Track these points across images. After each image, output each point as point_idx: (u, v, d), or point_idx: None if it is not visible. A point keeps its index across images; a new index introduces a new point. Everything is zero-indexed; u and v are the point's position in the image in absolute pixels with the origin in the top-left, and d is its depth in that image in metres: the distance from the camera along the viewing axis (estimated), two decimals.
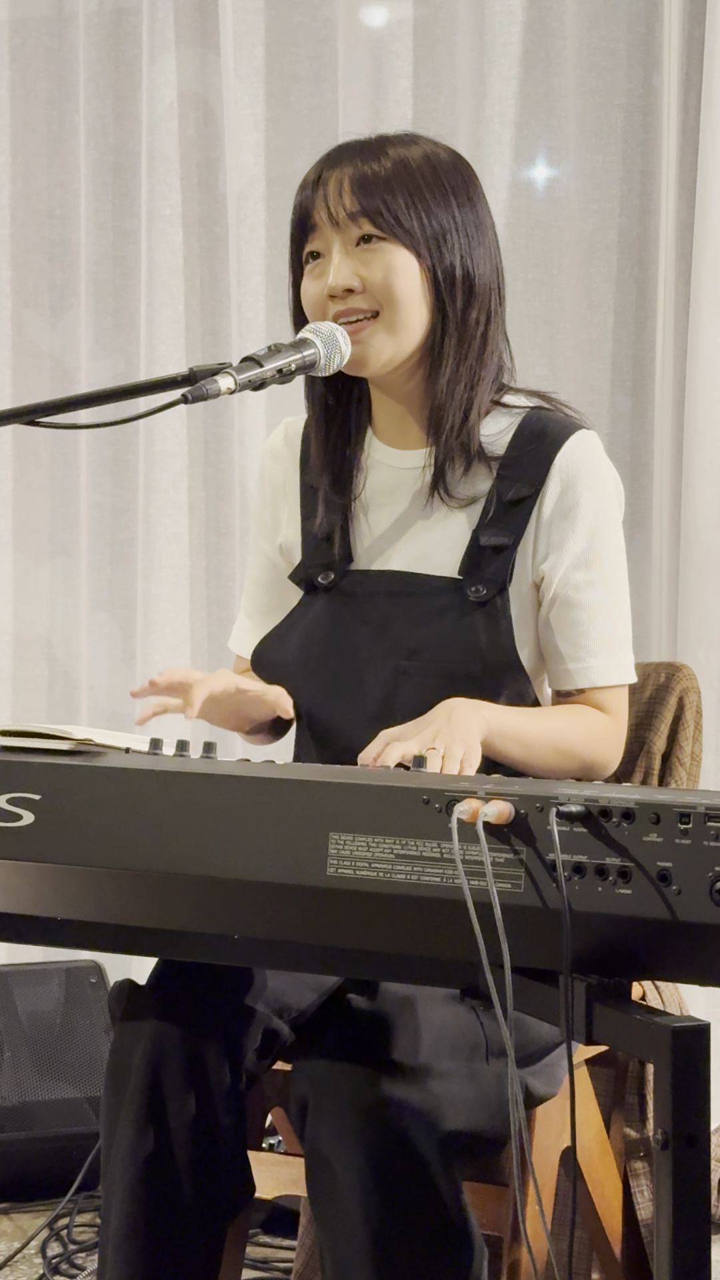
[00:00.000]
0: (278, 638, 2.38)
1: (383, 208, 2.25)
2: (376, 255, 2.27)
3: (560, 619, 2.29)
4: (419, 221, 2.26)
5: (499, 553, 2.28)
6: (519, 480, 2.30)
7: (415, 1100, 1.98)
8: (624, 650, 2.32)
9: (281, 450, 2.47)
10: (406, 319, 2.28)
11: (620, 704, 2.32)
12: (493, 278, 2.32)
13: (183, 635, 3.97)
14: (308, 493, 2.42)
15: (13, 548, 4.12)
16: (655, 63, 3.58)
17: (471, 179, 2.34)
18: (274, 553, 2.46)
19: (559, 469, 2.29)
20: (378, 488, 2.38)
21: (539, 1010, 1.74)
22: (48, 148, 4.10)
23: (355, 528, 2.38)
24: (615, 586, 2.31)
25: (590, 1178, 2.40)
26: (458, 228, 2.28)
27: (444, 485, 2.31)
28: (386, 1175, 1.97)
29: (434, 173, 2.29)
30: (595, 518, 2.30)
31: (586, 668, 2.29)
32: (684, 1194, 1.61)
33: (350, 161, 2.28)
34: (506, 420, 2.34)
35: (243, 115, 3.86)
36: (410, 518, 2.35)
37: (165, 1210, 2.12)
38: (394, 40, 3.73)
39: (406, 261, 2.27)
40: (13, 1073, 3.52)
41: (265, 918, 1.85)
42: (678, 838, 1.63)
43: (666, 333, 3.53)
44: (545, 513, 2.29)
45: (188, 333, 3.96)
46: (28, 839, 1.87)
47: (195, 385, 2.11)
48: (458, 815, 1.70)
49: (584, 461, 2.30)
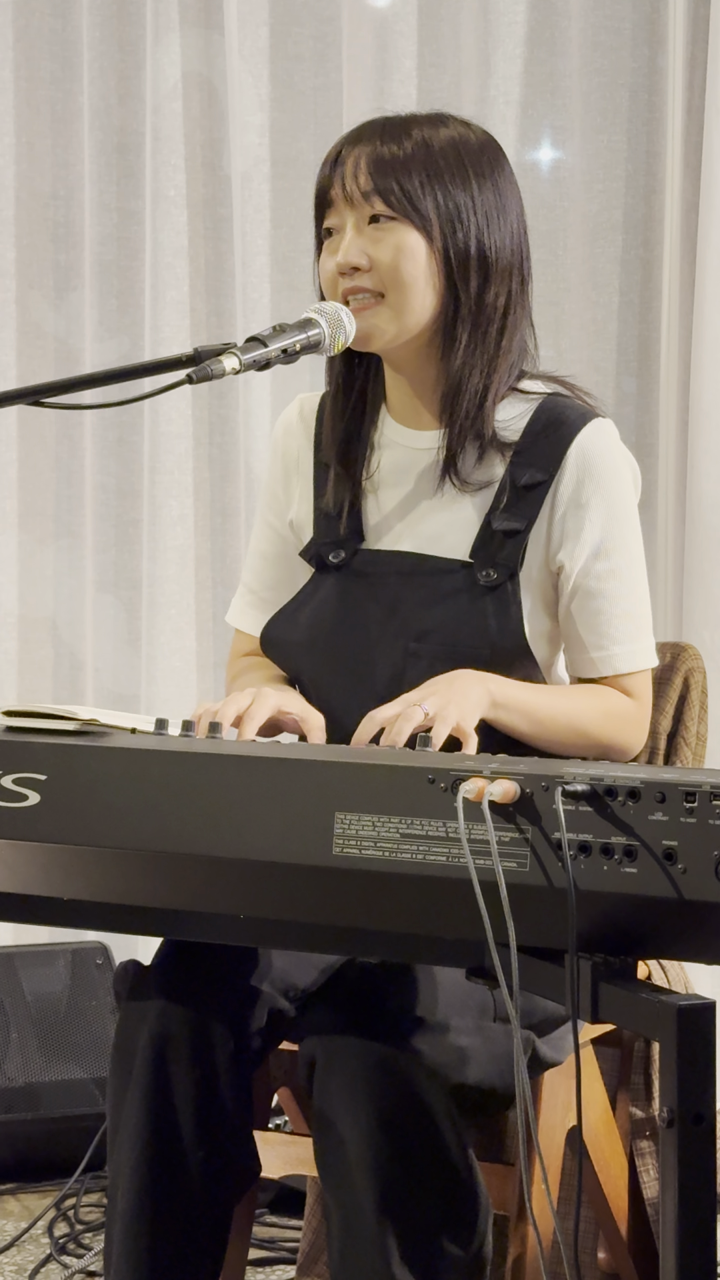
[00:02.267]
0: (287, 616, 2.38)
1: (395, 188, 2.25)
2: (387, 235, 2.26)
3: (582, 609, 2.29)
4: (433, 202, 2.26)
5: (511, 537, 2.28)
6: (533, 466, 2.29)
7: (428, 1052, 1.99)
8: (645, 635, 2.32)
9: (296, 426, 2.46)
10: (411, 301, 2.27)
11: (643, 688, 2.33)
12: (513, 259, 2.30)
13: (188, 617, 3.97)
14: (320, 470, 2.42)
15: (18, 529, 4.12)
16: (660, 42, 3.57)
17: (498, 161, 2.32)
18: (283, 528, 2.45)
19: (574, 456, 2.29)
20: (390, 467, 2.37)
21: (545, 989, 1.75)
22: (51, 129, 4.09)
23: (366, 506, 2.38)
24: (634, 573, 2.32)
25: (596, 1157, 2.41)
26: (475, 208, 2.27)
27: (455, 470, 2.31)
28: (395, 1131, 1.98)
29: (456, 155, 2.28)
30: (612, 506, 2.29)
31: (610, 655, 2.30)
32: (689, 1172, 1.61)
33: (371, 140, 2.28)
34: (522, 406, 2.33)
35: (247, 96, 3.86)
36: (422, 498, 2.35)
37: (172, 1190, 2.12)
38: (398, 20, 3.72)
39: (416, 243, 2.26)
40: (19, 1053, 3.52)
41: (270, 897, 1.86)
42: (683, 816, 1.63)
43: (672, 314, 3.52)
44: (560, 499, 2.29)
45: (192, 313, 3.95)
46: (34, 819, 1.88)
47: (200, 366, 2.10)
48: (463, 794, 1.70)
49: (600, 449, 2.30)
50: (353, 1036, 2.00)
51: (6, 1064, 3.51)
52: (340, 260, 2.27)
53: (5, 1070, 3.51)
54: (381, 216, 2.26)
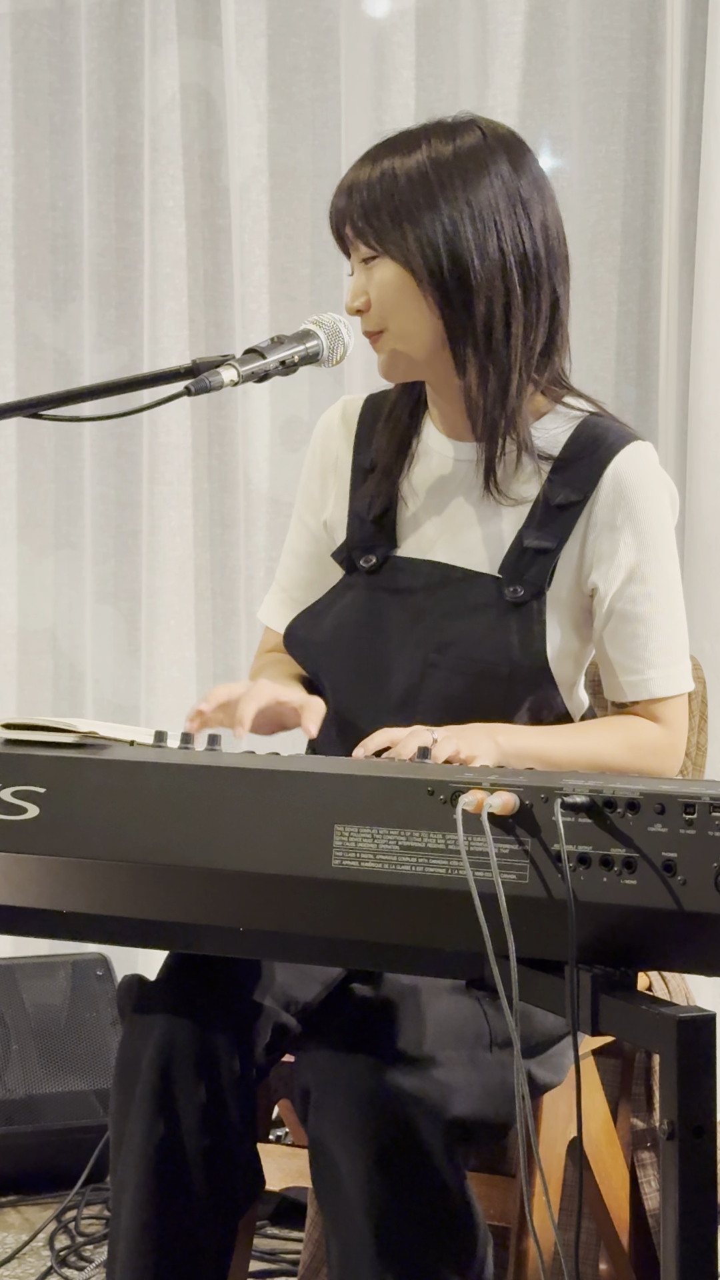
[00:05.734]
0: (312, 616, 2.39)
1: (368, 227, 2.27)
2: (375, 272, 2.29)
3: (617, 633, 2.29)
4: (402, 233, 2.26)
5: (541, 555, 2.28)
6: (569, 486, 2.29)
7: (418, 1088, 1.99)
8: (681, 660, 2.32)
9: (338, 427, 2.47)
10: (408, 330, 2.28)
11: (676, 714, 2.32)
12: (500, 260, 2.27)
13: (187, 627, 3.97)
14: (358, 473, 2.42)
15: (17, 540, 4.12)
16: (658, 51, 3.57)
17: (480, 167, 2.28)
18: (317, 527, 2.46)
19: (610, 478, 2.29)
20: (429, 475, 2.38)
21: (545, 1001, 1.74)
22: (50, 140, 4.09)
23: (402, 513, 2.38)
24: (670, 597, 2.31)
25: (597, 1168, 2.41)
26: (445, 225, 2.25)
27: (495, 482, 2.31)
28: (389, 1164, 1.98)
29: (422, 178, 2.26)
30: (647, 529, 2.29)
31: (645, 680, 2.30)
32: (690, 1184, 1.61)
33: (353, 178, 2.30)
34: (564, 423, 2.33)
35: (245, 106, 3.86)
36: (458, 509, 2.35)
37: (177, 1206, 2.12)
38: (396, 31, 3.72)
39: (398, 275, 2.27)
40: (19, 1065, 3.52)
41: (271, 910, 1.85)
42: (682, 828, 1.63)
43: (670, 323, 3.52)
44: (594, 521, 2.29)
45: (191, 325, 3.95)
46: (33, 832, 1.88)
47: (198, 377, 2.11)
48: (463, 806, 1.70)
49: (637, 472, 2.30)
50: (345, 1072, 2.01)
51: (7, 1076, 3.51)
52: (346, 304, 2.32)
53: (5, 1082, 3.51)
54: (370, 256, 2.29)
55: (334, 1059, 2.02)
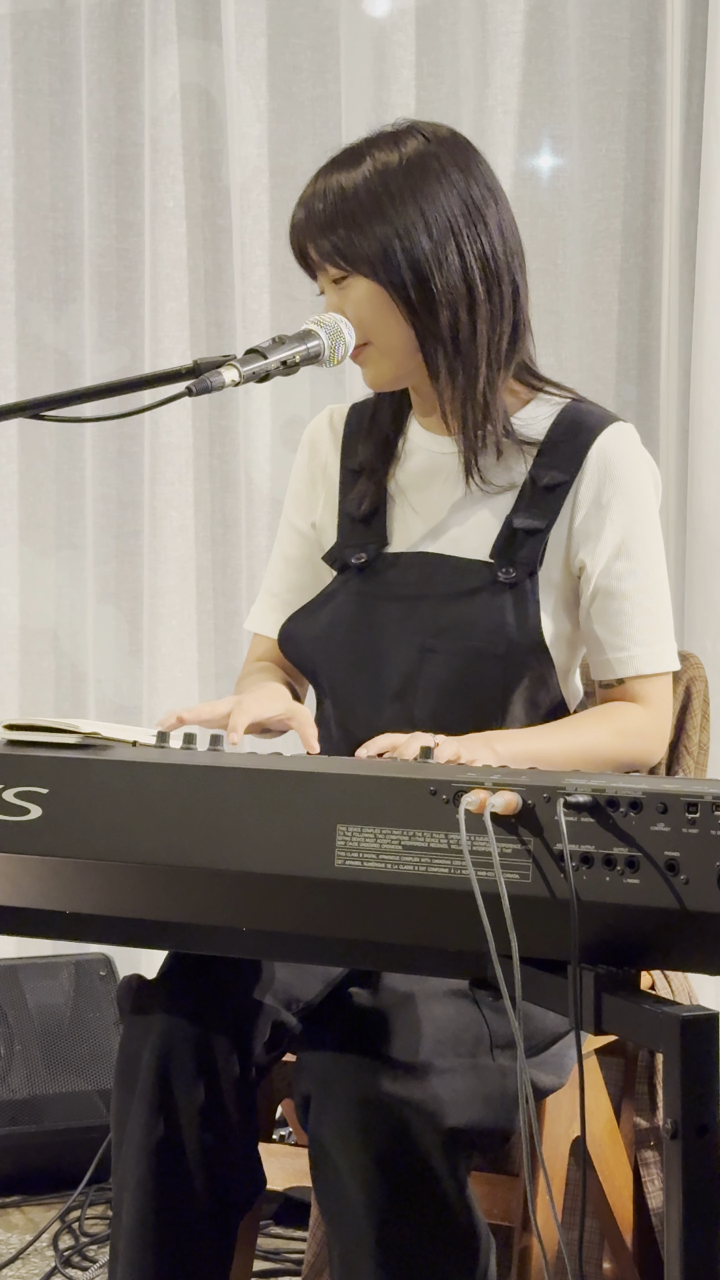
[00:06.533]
0: (307, 615, 2.39)
1: (329, 248, 2.29)
2: (348, 291, 2.30)
3: (602, 609, 2.30)
4: (363, 248, 2.27)
5: (531, 536, 2.30)
6: (555, 467, 2.32)
7: (415, 1097, 1.99)
8: (666, 638, 2.33)
9: (325, 433, 2.49)
10: (390, 341, 2.31)
11: (661, 693, 2.33)
12: (460, 266, 2.28)
13: (189, 628, 3.97)
14: (347, 476, 2.44)
15: (19, 541, 4.12)
16: (658, 50, 3.57)
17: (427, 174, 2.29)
18: (307, 530, 2.47)
19: (595, 458, 2.31)
20: (416, 471, 2.40)
21: (548, 1000, 1.74)
22: (50, 140, 4.09)
23: (391, 510, 2.40)
24: (655, 575, 2.33)
25: (601, 1167, 2.41)
26: (400, 238, 2.27)
27: (478, 472, 2.33)
28: (389, 1170, 1.98)
29: (369, 190, 2.28)
30: (633, 507, 2.31)
31: (630, 656, 2.30)
32: (694, 1183, 1.61)
33: (310, 202, 2.31)
34: (547, 408, 2.36)
35: (245, 107, 3.86)
36: (446, 502, 2.36)
37: (177, 1204, 2.12)
38: (396, 30, 3.72)
39: (370, 290, 2.29)
40: (23, 1066, 3.52)
41: (273, 910, 1.85)
42: (685, 827, 1.63)
43: (671, 321, 3.52)
44: (581, 500, 2.30)
45: (192, 325, 3.96)
46: (35, 833, 1.88)
47: (199, 378, 2.11)
48: (465, 806, 1.70)
49: (621, 451, 2.32)
50: (343, 1077, 2.01)
51: (10, 1076, 3.51)
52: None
53: (9, 1082, 3.51)
54: (340, 276, 2.30)
55: (332, 1063, 2.02)
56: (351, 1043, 2.04)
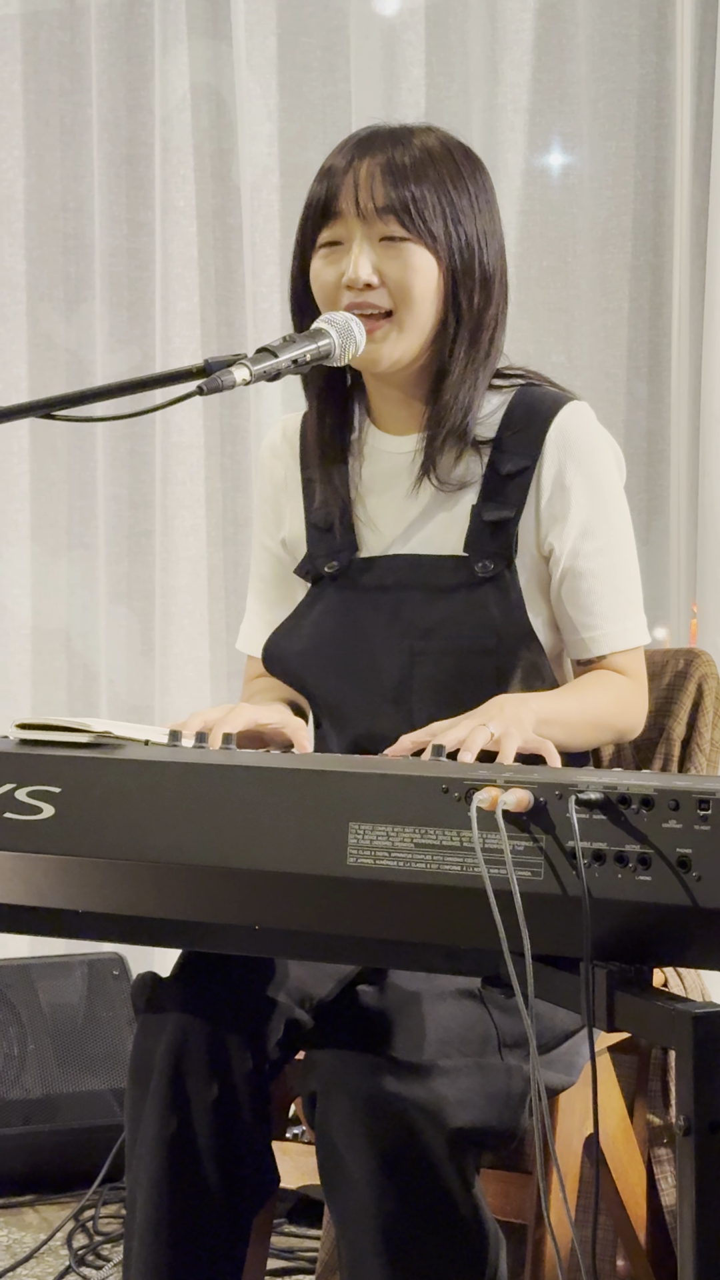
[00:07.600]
0: (286, 631, 2.38)
1: (411, 207, 2.25)
2: (399, 253, 2.26)
3: (572, 590, 2.30)
4: (443, 222, 2.26)
5: (501, 526, 2.29)
6: (515, 454, 2.30)
7: (419, 1097, 1.99)
8: (636, 613, 2.33)
9: (281, 447, 2.47)
10: (419, 319, 2.28)
11: (638, 666, 2.34)
12: (501, 267, 2.33)
13: (201, 627, 3.98)
14: (309, 486, 2.42)
15: (31, 541, 4.13)
16: (668, 47, 3.57)
17: (483, 168, 2.34)
18: (277, 548, 2.46)
19: (554, 440, 2.30)
20: (376, 474, 2.38)
21: (560, 998, 1.75)
22: (61, 141, 4.10)
23: (357, 515, 2.38)
24: (623, 551, 2.32)
25: (614, 1165, 2.40)
26: (477, 224, 2.28)
27: (435, 471, 2.32)
28: (394, 1168, 1.98)
29: (454, 164, 2.29)
30: (595, 485, 2.30)
31: (604, 634, 2.30)
32: (706, 1181, 1.61)
33: (382, 151, 2.27)
34: (496, 401, 2.34)
35: (255, 106, 3.86)
36: (411, 501, 2.35)
37: (191, 1202, 2.12)
38: (406, 29, 3.72)
39: (426, 262, 2.26)
40: (37, 1065, 3.52)
41: (286, 908, 1.86)
42: (697, 824, 1.63)
43: (682, 319, 3.52)
44: (544, 484, 2.30)
45: (203, 324, 3.96)
46: (48, 832, 1.88)
47: (210, 377, 2.11)
48: (477, 804, 1.70)
49: (578, 431, 2.31)
50: (350, 1075, 2.01)
51: (24, 1076, 3.52)
52: (352, 275, 2.26)
53: (23, 1082, 3.51)
54: (396, 236, 2.26)
55: (338, 1061, 2.03)
56: (357, 1041, 2.04)
